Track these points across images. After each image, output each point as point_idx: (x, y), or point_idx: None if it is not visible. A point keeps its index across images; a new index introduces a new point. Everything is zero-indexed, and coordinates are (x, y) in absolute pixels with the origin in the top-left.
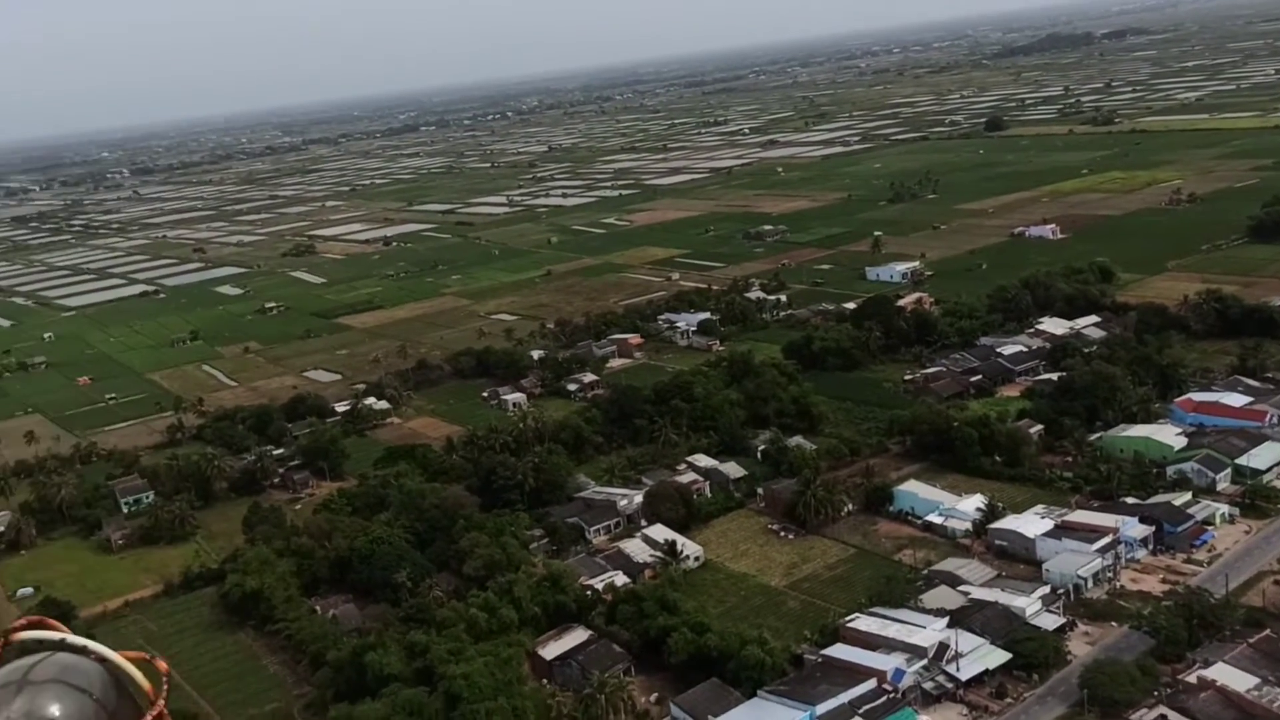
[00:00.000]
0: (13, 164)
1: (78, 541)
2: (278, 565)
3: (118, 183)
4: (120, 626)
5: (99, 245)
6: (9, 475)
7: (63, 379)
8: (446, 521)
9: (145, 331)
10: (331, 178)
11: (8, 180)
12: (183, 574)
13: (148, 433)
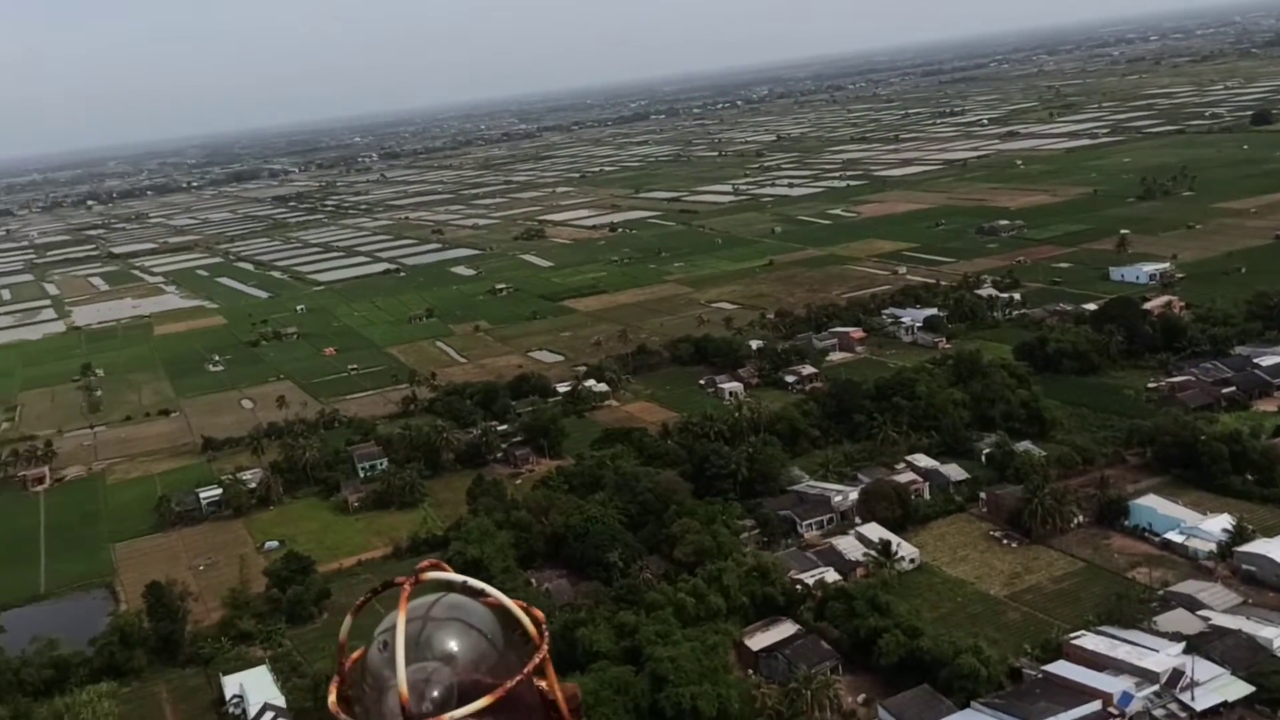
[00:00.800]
0: (277, 147)
1: (318, 501)
2: (497, 536)
3: (367, 166)
4: (353, 584)
5: (348, 225)
6: (262, 436)
7: (311, 349)
8: (659, 505)
9: (386, 307)
10: (563, 164)
11: (272, 162)
12: (410, 538)
13: (384, 403)
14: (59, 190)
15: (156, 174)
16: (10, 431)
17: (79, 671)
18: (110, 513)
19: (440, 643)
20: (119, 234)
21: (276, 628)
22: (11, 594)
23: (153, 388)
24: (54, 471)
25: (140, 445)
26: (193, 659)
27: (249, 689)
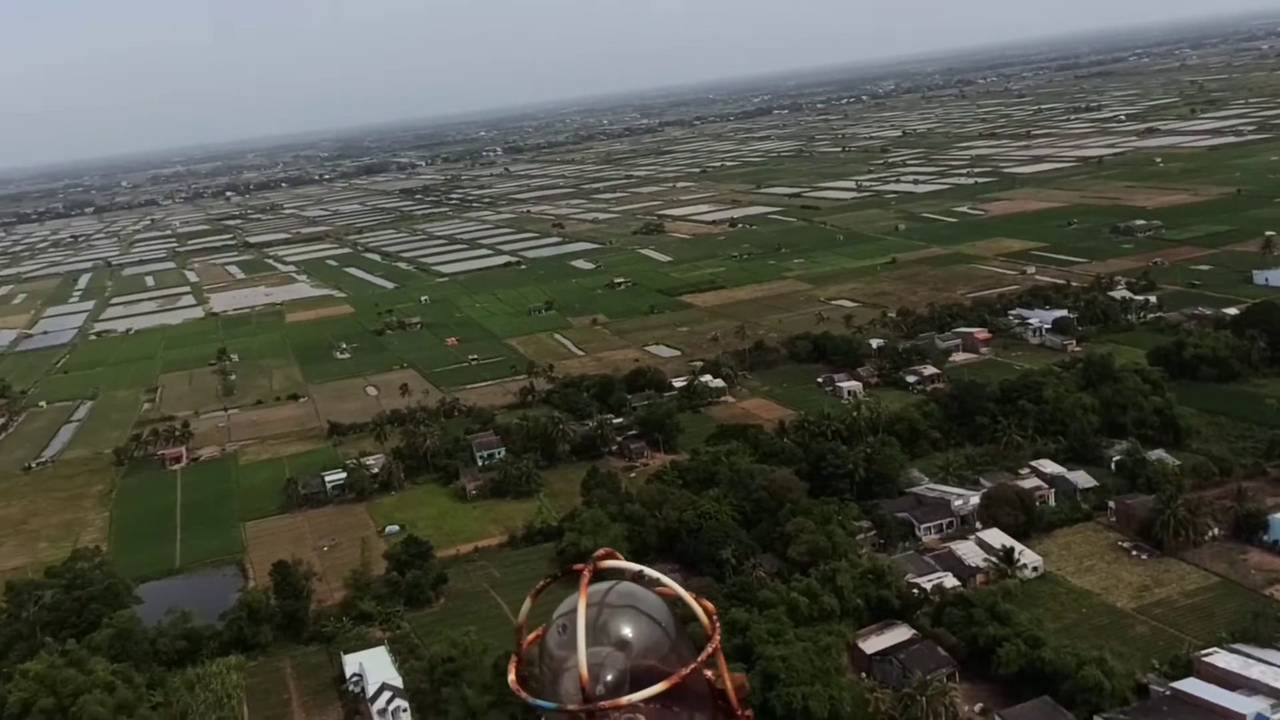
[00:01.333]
0: (405, 141)
1: (437, 487)
2: (611, 529)
3: (491, 160)
4: (469, 569)
5: (472, 218)
6: (385, 422)
7: (434, 338)
8: (773, 503)
9: (506, 299)
10: (684, 159)
11: (400, 156)
12: (525, 527)
13: (503, 393)
14: (200, 182)
15: (291, 167)
16: (151, 412)
17: (209, 644)
18: (241, 492)
19: (615, 629)
20: (255, 224)
21: (395, 610)
22: (150, 567)
23: (283, 373)
24: (190, 451)
25: (270, 428)
26: (315, 637)
27: (368, 668)
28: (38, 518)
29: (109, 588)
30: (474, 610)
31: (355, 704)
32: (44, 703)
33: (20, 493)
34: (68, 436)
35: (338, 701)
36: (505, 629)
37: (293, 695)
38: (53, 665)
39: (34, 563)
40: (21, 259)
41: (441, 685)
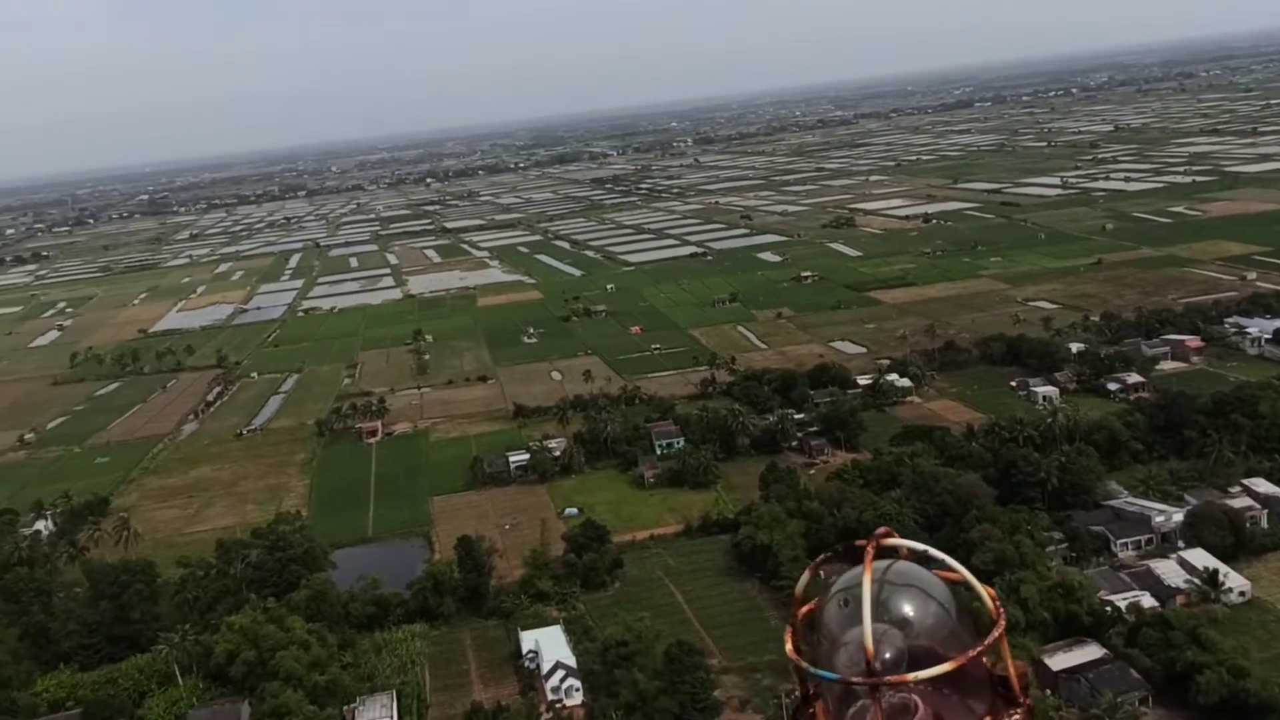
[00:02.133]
0: (598, 131)
1: (616, 473)
2: (787, 525)
3: (681, 150)
4: (645, 556)
5: (660, 208)
6: (568, 407)
7: (618, 326)
8: (958, 509)
9: (691, 290)
10: (878, 152)
11: (592, 146)
12: (701, 518)
13: (683, 383)
14: (403, 168)
15: (488, 155)
16: (351, 386)
17: (396, 611)
18: (430, 468)
19: (896, 606)
20: (452, 210)
21: (571, 591)
22: (344, 534)
23: (473, 355)
24: (385, 426)
25: (459, 407)
26: (494, 611)
27: (544, 646)
28: (246, 481)
29: (307, 551)
30: (647, 597)
31: (530, 679)
32: (246, 654)
33: (232, 457)
34: (275, 407)
35: (514, 676)
36: (678, 617)
37: (471, 666)
38: (255, 620)
39: (242, 523)
40: (240, 238)
41: (614, 667)
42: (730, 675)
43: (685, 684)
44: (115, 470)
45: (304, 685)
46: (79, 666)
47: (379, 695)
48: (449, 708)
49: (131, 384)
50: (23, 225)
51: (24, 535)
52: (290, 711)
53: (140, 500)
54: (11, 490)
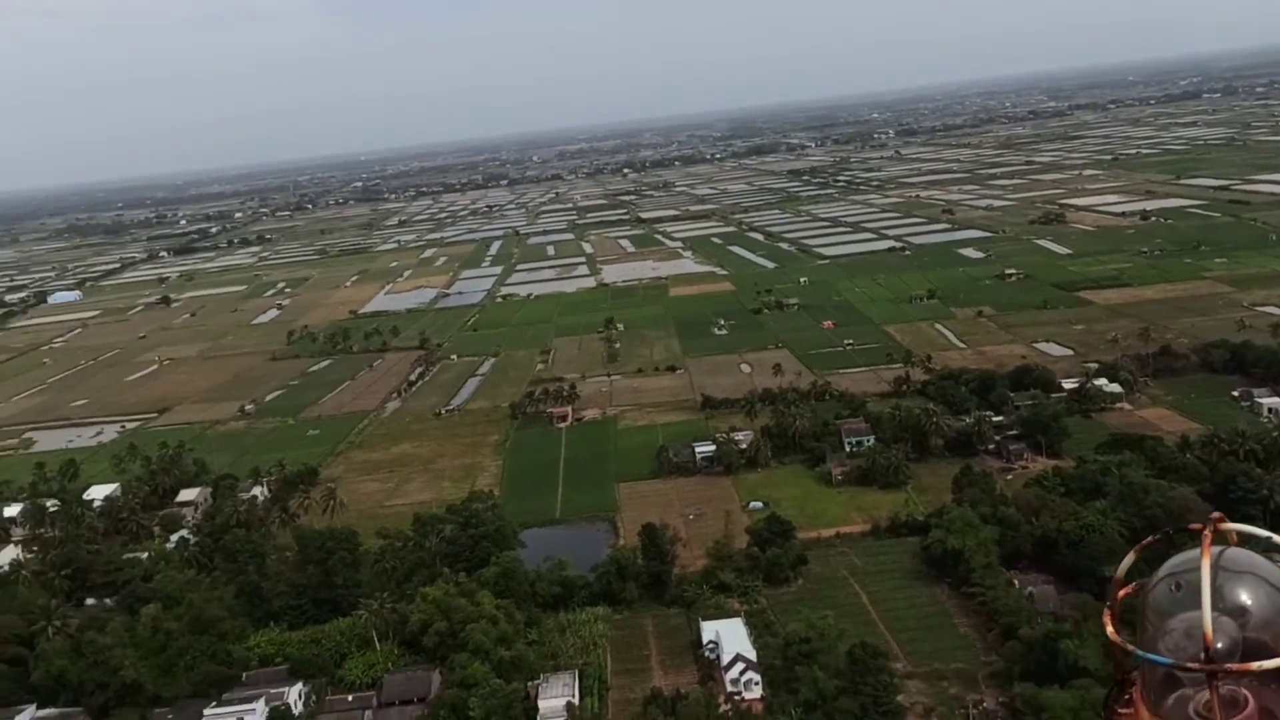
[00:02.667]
0: (796, 122)
1: (803, 469)
2: (981, 530)
3: (882, 142)
4: (829, 554)
5: (858, 200)
6: (756, 400)
7: (810, 320)
8: (1169, 523)
9: (886, 285)
10: (1093, 145)
11: (789, 137)
12: (890, 518)
13: (876, 380)
14: (601, 158)
15: (685, 145)
16: (544, 372)
17: (580, 593)
18: (618, 454)
19: (1233, 595)
20: (647, 200)
21: (754, 584)
22: (533, 515)
23: (663, 344)
24: (575, 411)
25: (647, 396)
26: (676, 600)
27: (724, 637)
28: (443, 459)
29: (498, 529)
30: (831, 595)
31: (709, 669)
32: (439, 625)
33: (431, 435)
34: (473, 388)
35: (693, 664)
36: (862, 618)
37: (652, 652)
38: (448, 593)
39: (438, 499)
40: (445, 225)
41: (795, 664)
42: (915, 681)
43: (867, 686)
44: (324, 443)
45: (491, 659)
46: (287, 625)
47: (562, 674)
48: (629, 691)
49: (341, 362)
50: (249, 209)
51: (242, 499)
52: (478, 683)
53: (346, 472)
54: (232, 457)
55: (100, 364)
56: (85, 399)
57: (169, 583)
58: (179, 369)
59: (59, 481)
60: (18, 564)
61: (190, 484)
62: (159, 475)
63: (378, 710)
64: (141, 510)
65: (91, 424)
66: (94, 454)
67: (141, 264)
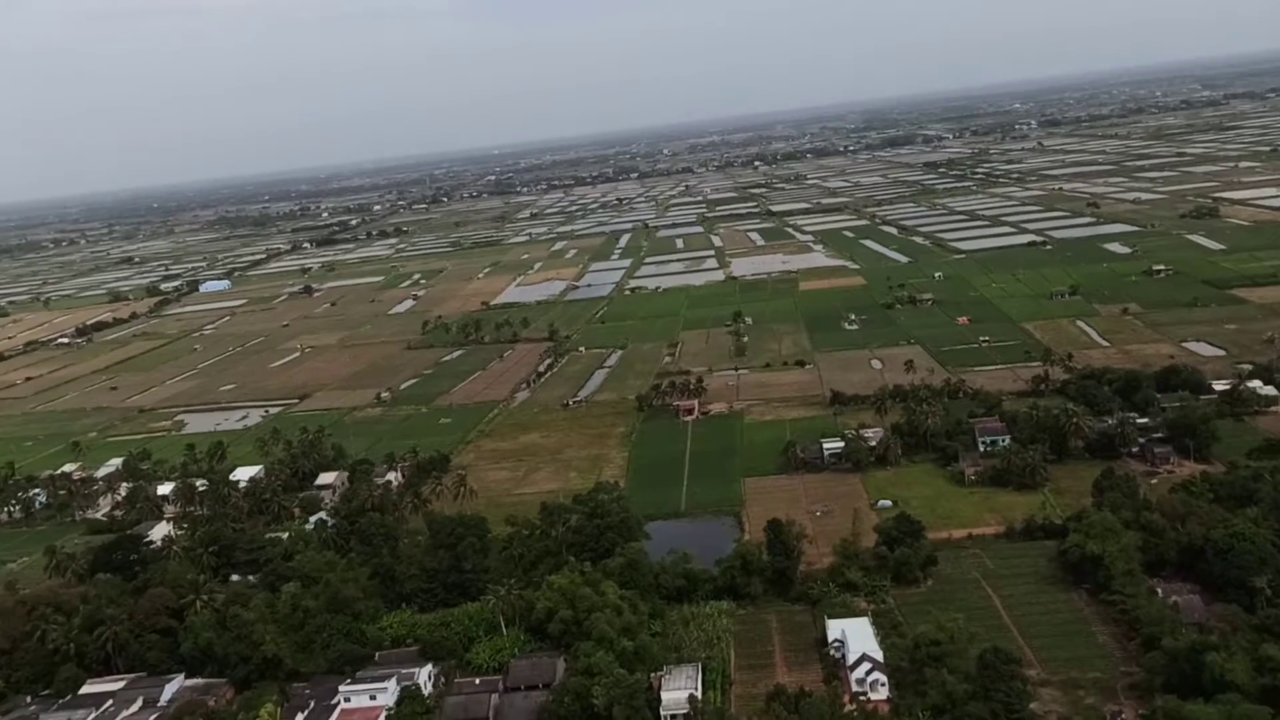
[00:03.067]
0: (933, 113)
1: (934, 468)
2: (1122, 536)
3: (1024, 133)
4: (961, 556)
5: (996, 193)
6: (886, 397)
7: (944, 316)
8: None
9: (1026, 281)
10: (1250, 136)
11: (926, 128)
12: (1025, 521)
13: (1012, 379)
14: (732, 151)
15: (817, 138)
16: (670, 365)
17: (704, 586)
18: (744, 449)
19: None
20: (778, 193)
21: (881, 584)
22: (657, 507)
23: (792, 339)
24: (702, 405)
25: (775, 391)
26: (801, 597)
27: (850, 637)
28: (570, 449)
29: (623, 520)
30: (961, 598)
31: (834, 668)
32: (564, 613)
33: (558, 426)
34: (600, 380)
35: (817, 662)
36: (994, 622)
37: (775, 648)
38: (573, 581)
39: (565, 488)
40: (575, 218)
41: (923, 666)
42: (1049, 689)
43: (999, 692)
44: (456, 431)
45: (615, 648)
46: (418, 608)
47: (685, 666)
48: (752, 686)
49: (473, 352)
50: (388, 202)
51: (377, 484)
52: (601, 672)
53: (476, 460)
54: (368, 443)
55: (247, 350)
56: (233, 384)
57: (308, 562)
58: (319, 356)
59: (208, 462)
60: (169, 540)
61: (328, 468)
62: (299, 459)
63: (504, 694)
64: (283, 492)
65: (238, 408)
66: (240, 437)
67: (286, 255)
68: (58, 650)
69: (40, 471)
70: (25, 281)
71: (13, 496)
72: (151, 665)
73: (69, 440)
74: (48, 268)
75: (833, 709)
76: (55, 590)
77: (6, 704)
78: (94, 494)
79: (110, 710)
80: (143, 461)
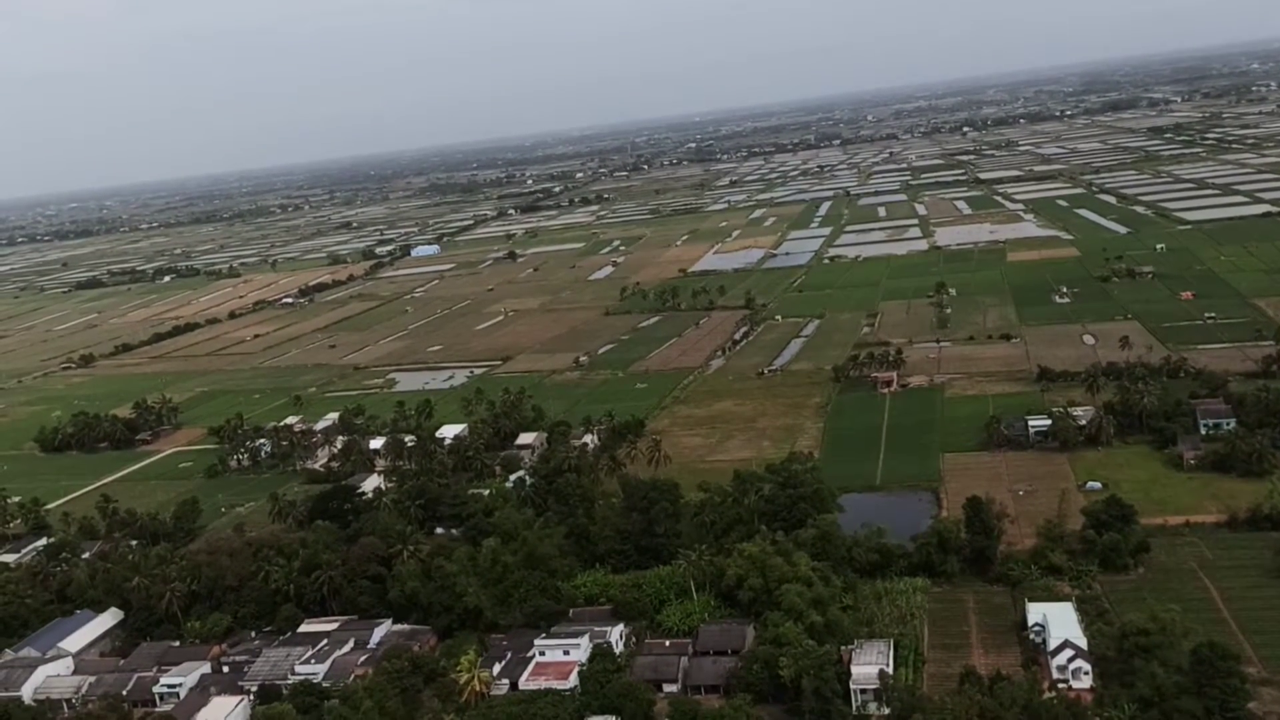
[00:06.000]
0: (1160, 75)
1: (1149, 450)
2: None
3: (1261, 95)
4: (1176, 543)
5: (1229, 160)
6: (1099, 374)
7: (1166, 291)
8: None
9: (1259, 254)
10: None
11: (1152, 91)
12: (1250, 510)
13: (1240, 358)
14: (939, 117)
15: (1031, 102)
16: (869, 335)
17: (899, 562)
18: (944, 424)
19: None
20: (987, 160)
21: (1088, 569)
22: (851, 480)
23: (998, 311)
24: (900, 377)
25: (978, 365)
26: (1001, 578)
27: (1051, 621)
28: (764, 418)
29: (816, 491)
30: (1176, 588)
31: (1034, 653)
32: (753, 581)
33: (753, 394)
34: (795, 350)
35: (1016, 646)
36: (1210, 615)
37: (972, 629)
38: (764, 550)
39: (757, 457)
40: (775, 185)
41: (1131, 657)
42: (1270, 689)
43: (1214, 689)
44: (651, 396)
45: (804, 620)
46: (611, 569)
47: (876, 642)
48: (945, 665)
49: (669, 319)
50: (589, 170)
51: (574, 446)
52: (790, 642)
53: (670, 425)
54: (566, 406)
55: (454, 313)
56: (440, 345)
57: (507, 519)
58: (521, 320)
59: (416, 419)
60: (380, 492)
61: (528, 428)
62: (501, 419)
63: (693, 658)
64: (485, 450)
65: (444, 368)
66: (446, 396)
67: (492, 221)
68: (279, 590)
69: (266, 423)
70: (255, 244)
71: (242, 445)
72: (362, 609)
73: (291, 394)
74: (275, 232)
75: (1030, 695)
76: (278, 534)
77: (234, 636)
78: (313, 445)
79: (325, 649)
80: (357, 417)
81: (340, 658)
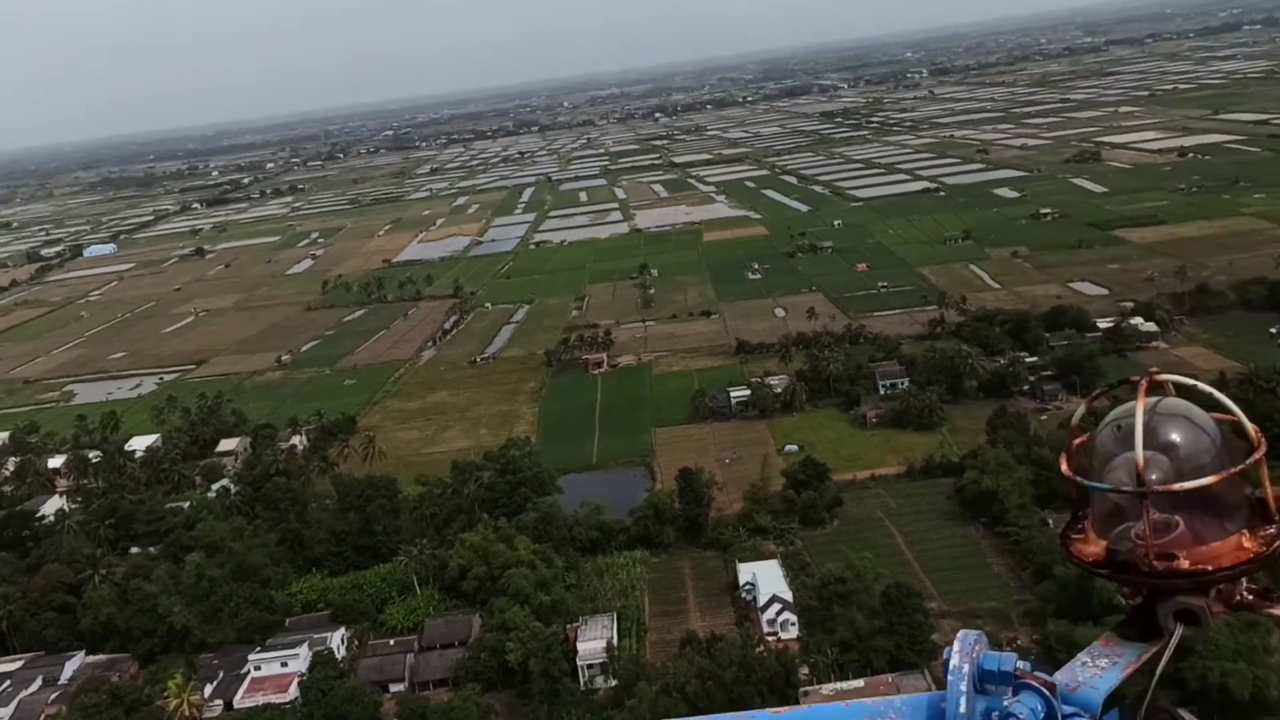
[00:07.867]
0: (829, 63)
1: (837, 412)
2: (1015, 471)
3: (915, 82)
4: (864, 496)
5: (891, 142)
6: (790, 344)
7: (844, 263)
8: None
9: (921, 226)
10: (1129, 81)
11: (822, 78)
12: (925, 460)
13: (910, 322)
14: (632, 103)
15: (716, 89)
16: (578, 319)
17: (618, 537)
18: (653, 400)
19: (1164, 433)
20: (679, 145)
21: (789, 527)
22: (569, 461)
23: (697, 290)
24: (610, 358)
25: (682, 342)
26: (713, 543)
27: (760, 579)
28: (480, 406)
29: (535, 475)
30: (866, 536)
31: (746, 611)
32: (478, 570)
33: (467, 383)
34: (507, 336)
35: (730, 606)
36: (897, 559)
37: (689, 594)
38: (486, 538)
39: (475, 446)
40: (477, 172)
41: (831, 604)
42: (949, 620)
43: (903, 625)
44: (361, 392)
45: (531, 603)
46: (329, 572)
47: (600, 616)
48: (666, 632)
49: (376, 311)
50: (281, 159)
51: (281, 449)
52: (517, 626)
53: (383, 421)
54: (270, 407)
55: (137, 316)
56: (123, 351)
57: (211, 531)
58: (215, 320)
59: (100, 433)
60: (63, 514)
61: (229, 434)
62: (198, 426)
63: (419, 654)
64: (182, 460)
65: (130, 376)
66: (134, 406)
67: (175, 216)
68: None
69: None
70: None
71: None
72: (50, 643)
73: None
74: None
75: (745, 650)
76: None
77: None
78: None
79: (8, 690)
80: (30, 435)
81: (27, 698)
